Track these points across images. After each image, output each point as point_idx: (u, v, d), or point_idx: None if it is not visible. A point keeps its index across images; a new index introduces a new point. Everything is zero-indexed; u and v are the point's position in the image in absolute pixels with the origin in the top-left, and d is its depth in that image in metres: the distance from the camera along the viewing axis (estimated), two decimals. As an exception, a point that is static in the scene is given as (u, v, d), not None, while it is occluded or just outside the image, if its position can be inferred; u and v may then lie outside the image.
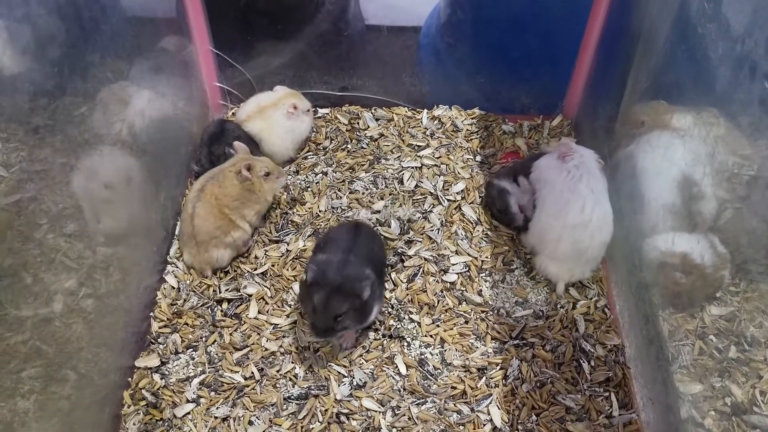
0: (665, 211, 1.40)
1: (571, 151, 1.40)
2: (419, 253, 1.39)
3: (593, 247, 1.32)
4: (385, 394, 1.19)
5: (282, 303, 1.32)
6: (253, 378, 1.21)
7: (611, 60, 1.51)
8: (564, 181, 1.35)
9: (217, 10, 1.68)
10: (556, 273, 1.34)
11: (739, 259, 1.38)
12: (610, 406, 1.20)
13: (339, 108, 1.71)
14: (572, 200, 1.32)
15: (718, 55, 1.09)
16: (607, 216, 1.34)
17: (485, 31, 1.77)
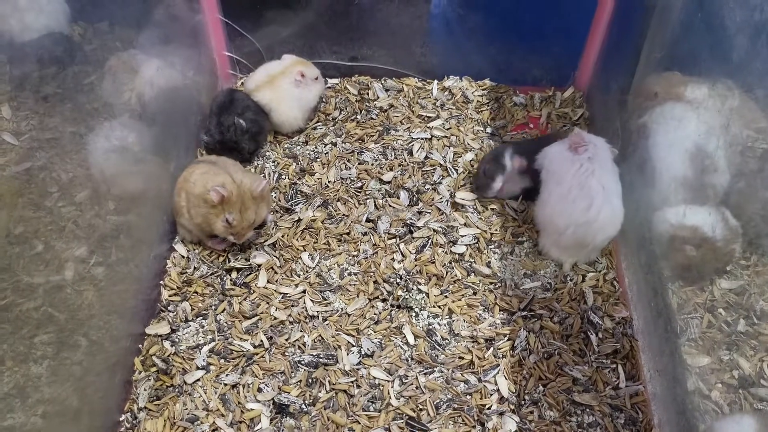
0: (677, 183, 1.39)
1: (584, 141, 1.34)
2: (428, 224, 1.39)
3: (596, 242, 1.30)
4: (393, 364, 1.20)
5: (291, 273, 1.33)
6: (262, 346, 1.22)
7: (625, 31, 1.49)
8: (574, 176, 1.30)
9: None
10: (558, 257, 1.34)
11: (751, 233, 1.37)
12: (617, 378, 1.20)
13: (349, 78, 1.69)
14: (580, 198, 1.27)
15: (735, 23, 1.07)
16: (615, 215, 1.30)
17: (497, 1, 1.74)
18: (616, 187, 1.32)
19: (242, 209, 1.27)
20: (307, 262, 1.34)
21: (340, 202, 1.44)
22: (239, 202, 1.26)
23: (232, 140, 1.46)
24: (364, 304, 1.28)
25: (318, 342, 1.23)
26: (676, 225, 1.33)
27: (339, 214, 1.42)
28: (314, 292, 1.29)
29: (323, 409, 1.14)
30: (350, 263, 1.34)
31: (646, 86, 1.54)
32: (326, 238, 1.38)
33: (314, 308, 1.27)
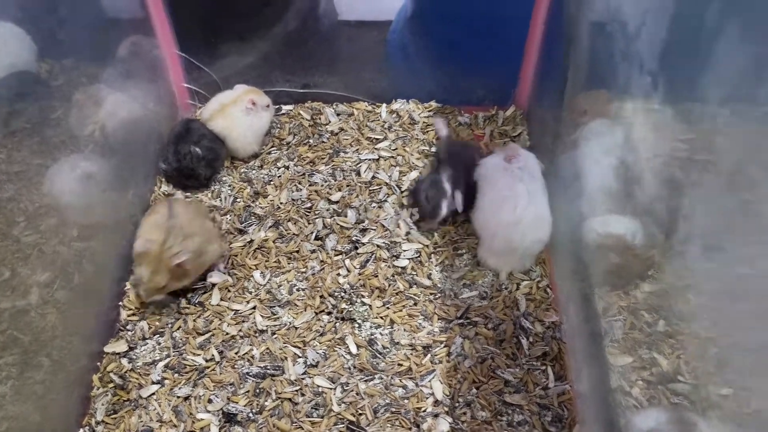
0: (603, 194, 1.48)
1: (517, 154, 1.48)
2: (372, 240, 1.48)
3: (525, 244, 1.40)
4: (336, 372, 1.28)
5: (243, 290, 1.41)
6: (214, 360, 1.30)
7: (554, 53, 1.59)
8: (504, 182, 1.43)
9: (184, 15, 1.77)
10: (494, 265, 1.43)
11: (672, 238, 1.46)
12: (546, 379, 1.29)
13: (302, 104, 1.79)
14: (507, 200, 1.39)
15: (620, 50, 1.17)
16: (540, 218, 1.40)
17: (442, 28, 1.85)
18: (542, 194, 1.43)
19: (154, 271, 1.29)
20: (258, 279, 1.43)
21: (291, 222, 1.53)
22: (154, 263, 1.29)
23: (189, 167, 1.56)
24: (311, 317, 1.36)
25: (266, 354, 1.31)
26: (602, 234, 1.42)
27: (289, 233, 1.51)
28: (264, 307, 1.38)
29: (269, 417, 1.22)
30: (299, 279, 1.43)
31: (576, 104, 1.64)
32: (277, 257, 1.47)
33: (263, 323, 1.36)
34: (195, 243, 1.32)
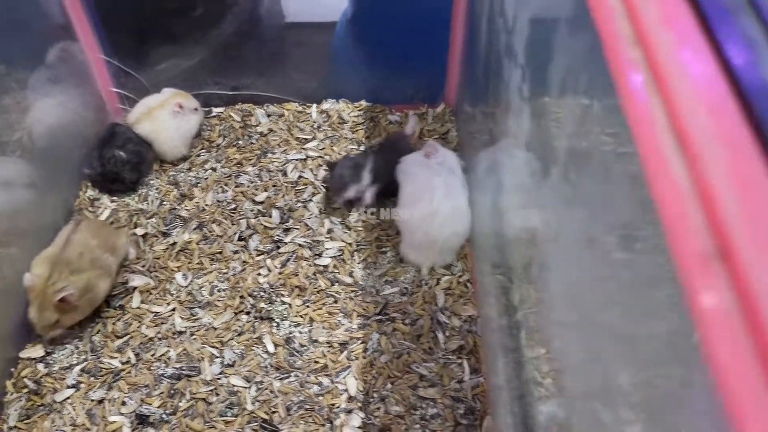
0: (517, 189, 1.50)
1: (436, 150, 1.50)
2: (294, 239, 1.49)
3: (443, 237, 1.41)
4: (252, 371, 1.29)
5: (164, 293, 1.42)
6: (130, 362, 1.30)
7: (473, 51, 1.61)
8: (423, 175, 1.45)
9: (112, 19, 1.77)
10: (415, 259, 1.44)
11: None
12: (462, 372, 1.30)
13: (233, 106, 1.80)
14: (425, 192, 1.41)
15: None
16: (458, 211, 1.42)
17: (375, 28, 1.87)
18: (461, 189, 1.44)
19: (40, 307, 1.25)
20: (180, 281, 1.43)
21: (215, 223, 1.53)
22: (40, 299, 1.25)
23: (113, 171, 1.56)
24: (230, 317, 1.37)
25: (183, 355, 1.32)
26: (516, 228, 1.43)
27: (213, 235, 1.51)
28: (184, 309, 1.38)
29: (182, 418, 1.23)
30: (220, 280, 1.43)
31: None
32: (200, 258, 1.47)
33: (183, 324, 1.36)
34: (83, 279, 1.29)
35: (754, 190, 0.35)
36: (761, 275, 0.31)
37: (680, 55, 0.41)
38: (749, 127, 0.38)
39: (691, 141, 0.37)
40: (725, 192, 0.35)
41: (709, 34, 0.43)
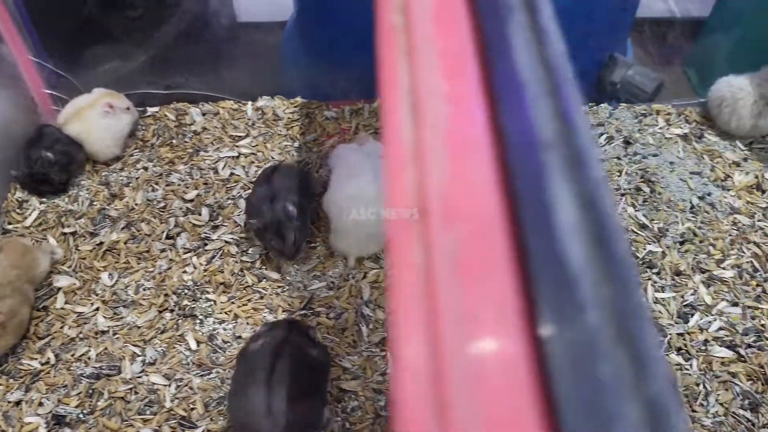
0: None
1: (367, 141, 1.53)
2: (221, 236, 1.48)
3: (372, 221, 1.40)
4: (173, 369, 1.28)
5: (89, 293, 1.41)
6: (49, 363, 1.29)
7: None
8: (353, 160, 1.46)
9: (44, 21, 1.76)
10: (344, 248, 1.44)
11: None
12: (385, 365, 1.29)
13: (168, 105, 1.79)
14: (356, 175, 1.41)
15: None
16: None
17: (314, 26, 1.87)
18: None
19: None
20: (106, 281, 1.42)
21: (144, 222, 1.52)
22: None
23: (41, 173, 1.54)
24: (154, 316, 1.36)
25: (104, 355, 1.30)
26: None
27: (141, 234, 1.50)
28: (107, 309, 1.37)
29: (100, 417, 1.22)
30: (146, 279, 1.42)
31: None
32: (126, 258, 1.46)
33: (106, 324, 1.35)
34: (6, 305, 1.27)
35: (463, 158, 0.35)
36: (440, 239, 0.31)
37: (435, 26, 0.42)
38: (485, 94, 0.38)
39: (423, 105, 0.37)
40: (436, 155, 0.35)
41: (471, 6, 0.43)
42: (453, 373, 0.28)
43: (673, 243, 1.42)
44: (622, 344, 0.29)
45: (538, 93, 0.38)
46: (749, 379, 1.23)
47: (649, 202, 1.49)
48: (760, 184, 1.52)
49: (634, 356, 0.29)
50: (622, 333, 0.29)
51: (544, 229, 0.33)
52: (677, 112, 1.74)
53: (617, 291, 0.31)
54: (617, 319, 0.30)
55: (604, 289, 0.31)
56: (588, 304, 0.30)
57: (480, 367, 0.28)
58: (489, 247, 0.32)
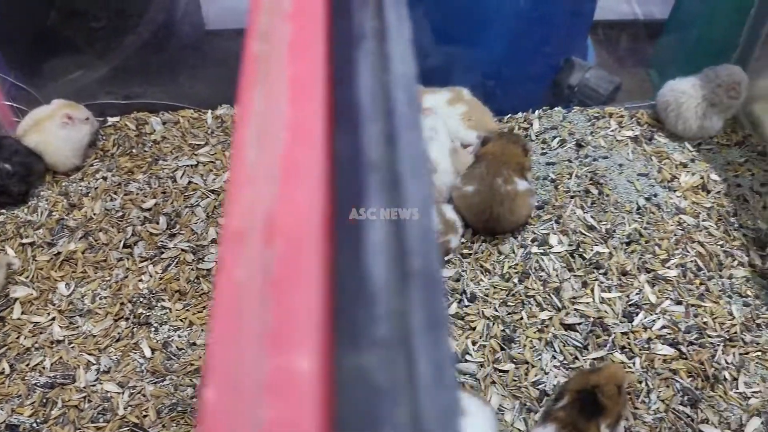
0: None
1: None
2: (177, 245, 1.50)
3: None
4: (127, 377, 1.30)
5: (46, 303, 1.42)
6: (3, 373, 1.31)
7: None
8: None
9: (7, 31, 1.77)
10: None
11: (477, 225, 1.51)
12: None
13: (128, 115, 1.80)
14: None
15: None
16: None
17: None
18: None
19: None
20: (62, 291, 1.44)
21: (101, 232, 1.54)
22: None
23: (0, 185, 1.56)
24: (110, 324, 1.38)
25: (59, 364, 1.32)
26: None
27: (99, 243, 1.52)
28: (63, 318, 1.39)
29: (53, 426, 1.23)
30: (103, 288, 1.44)
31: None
32: (84, 267, 1.48)
33: (61, 333, 1.36)
34: None
35: (294, 180, 0.37)
36: (259, 256, 0.34)
37: (290, 53, 0.44)
38: (326, 118, 0.41)
39: (266, 130, 0.40)
40: (269, 178, 0.37)
41: (328, 34, 0.46)
42: (250, 383, 0.31)
43: (620, 244, 1.45)
44: (408, 357, 0.31)
45: (372, 116, 0.41)
46: (690, 376, 1.27)
47: (597, 204, 1.52)
48: (705, 184, 1.56)
49: (420, 369, 0.31)
50: (412, 346, 0.32)
51: (354, 247, 0.35)
52: (630, 115, 1.78)
53: (415, 306, 0.33)
54: (410, 333, 0.33)
55: (401, 305, 0.33)
56: (382, 318, 0.33)
57: (273, 377, 0.31)
58: (303, 264, 0.35)
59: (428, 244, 0.37)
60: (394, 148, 0.40)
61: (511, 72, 1.88)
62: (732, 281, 1.41)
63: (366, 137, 0.40)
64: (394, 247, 0.35)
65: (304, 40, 0.45)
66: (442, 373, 0.31)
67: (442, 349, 0.32)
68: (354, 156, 0.39)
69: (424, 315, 0.34)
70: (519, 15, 1.79)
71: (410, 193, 0.38)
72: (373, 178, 0.38)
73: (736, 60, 1.71)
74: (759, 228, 1.48)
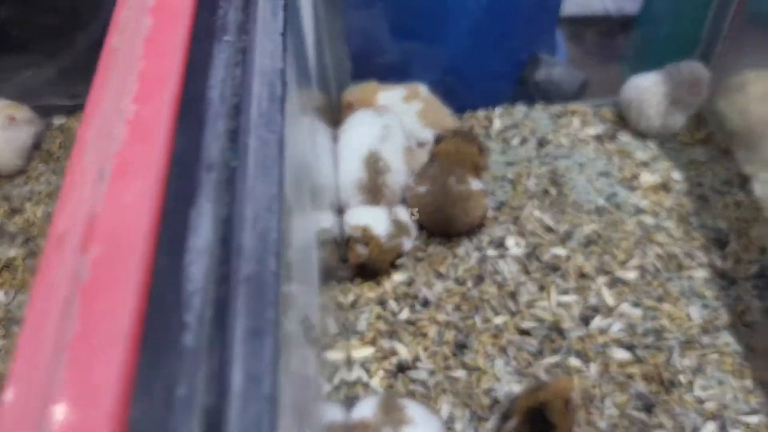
0: (354, 187, 1.48)
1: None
2: (122, 250, 1.45)
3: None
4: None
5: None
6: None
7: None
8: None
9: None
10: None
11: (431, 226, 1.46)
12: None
13: (75, 117, 1.75)
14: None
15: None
16: None
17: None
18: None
19: None
20: (1, 299, 1.38)
21: (43, 238, 1.48)
22: None
23: (-63, 188, 1.50)
24: (48, 334, 1.32)
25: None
26: (351, 226, 1.41)
27: (40, 249, 1.46)
28: (0, 327, 1.33)
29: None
30: (42, 296, 1.38)
31: (344, 97, 1.63)
32: (23, 275, 1.42)
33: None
34: None
35: (126, 181, 0.33)
36: (75, 261, 0.30)
37: (145, 48, 0.40)
38: (172, 116, 0.37)
39: (106, 128, 0.36)
40: (100, 179, 0.33)
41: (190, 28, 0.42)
42: (49, 393, 0.27)
43: (578, 245, 1.41)
44: (219, 367, 0.28)
45: (219, 113, 0.36)
46: (645, 380, 1.23)
47: (555, 205, 1.48)
48: (666, 183, 1.52)
49: (233, 380, 0.28)
50: (226, 356, 0.29)
51: (176, 250, 0.32)
52: (594, 112, 1.74)
53: (238, 313, 0.30)
54: (225, 342, 0.29)
55: (220, 311, 0.30)
56: (192, 326, 0.29)
57: (67, 389, 0.27)
58: (119, 269, 0.31)
59: (266, 248, 0.33)
60: (242, 146, 0.36)
61: (473, 68, 1.84)
62: (691, 282, 1.37)
63: (209, 135, 0.35)
64: (221, 250, 0.32)
65: (163, 35, 0.41)
66: (259, 385, 0.28)
67: (263, 360, 0.29)
68: (193, 154, 0.35)
69: (247, 323, 0.30)
70: (480, 9, 1.75)
71: (253, 194, 0.34)
72: (209, 178, 0.33)
73: (700, 55, 1.68)
74: (719, 228, 1.45)
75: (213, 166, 0.34)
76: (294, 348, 0.52)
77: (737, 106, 1.58)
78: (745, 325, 1.32)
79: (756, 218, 1.48)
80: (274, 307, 0.31)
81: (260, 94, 0.39)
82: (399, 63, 1.74)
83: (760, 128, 1.52)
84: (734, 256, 1.41)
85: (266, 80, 0.40)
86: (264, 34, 0.42)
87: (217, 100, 0.38)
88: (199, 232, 0.32)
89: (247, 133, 0.37)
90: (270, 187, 0.35)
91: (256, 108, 0.38)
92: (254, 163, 0.36)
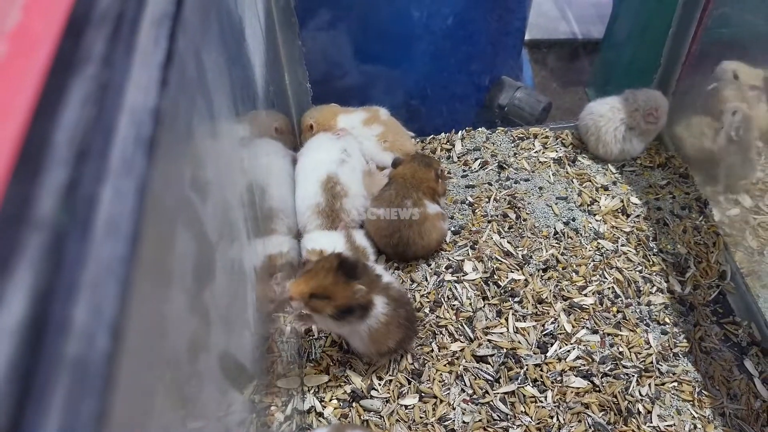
0: (311, 211, 1.45)
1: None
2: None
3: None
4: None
5: None
6: None
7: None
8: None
9: None
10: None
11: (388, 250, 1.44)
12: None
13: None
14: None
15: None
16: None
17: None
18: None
19: None
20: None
21: None
22: None
23: None
24: None
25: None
26: (309, 251, 1.39)
27: None
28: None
29: None
30: None
31: (304, 120, 1.61)
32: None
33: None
34: None
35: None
36: None
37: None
38: (10, 156, 0.33)
39: None
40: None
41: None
42: None
43: (536, 270, 1.40)
44: None
45: (63, 159, 0.33)
46: (602, 410, 1.21)
47: (514, 229, 1.47)
48: (625, 207, 1.52)
49: None
50: None
51: None
52: (555, 135, 1.74)
53: (53, 406, 0.26)
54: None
55: (25, 403, 0.26)
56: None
57: None
58: None
59: (102, 323, 0.29)
60: (86, 199, 0.33)
61: (436, 91, 1.83)
62: (650, 308, 1.36)
63: (44, 187, 0.32)
64: (37, 326, 0.28)
65: (16, 66, 0.38)
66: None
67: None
68: (21, 210, 0.31)
69: (62, 417, 0.26)
70: (443, 33, 1.75)
71: (95, 258, 0.31)
72: (34, 239, 0.30)
73: (659, 80, 1.69)
74: (678, 253, 1.45)
75: (42, 226, 0.31)
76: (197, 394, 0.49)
77: (695, 131, 1.59)
78: (703, 351, 1.31)
79: (715, 243, 1.48)
80: (99, 396, 0.27)
81: (125, 136, 0.36)
82: (361, 86, 1.73)
83: (718, 153, 1.53)
84: (693, 281, 1.41)
85: (134, 120, 0.37)
86: (141, 67, 0.39)
87: (64, 144, 0.34)
88: (15, 304, 0.28)
89: (99, 183, 0.33)
90: (118, 250, 0.32)
91: (119, 152, 0.35)
92: (102, 218, 0.32)
